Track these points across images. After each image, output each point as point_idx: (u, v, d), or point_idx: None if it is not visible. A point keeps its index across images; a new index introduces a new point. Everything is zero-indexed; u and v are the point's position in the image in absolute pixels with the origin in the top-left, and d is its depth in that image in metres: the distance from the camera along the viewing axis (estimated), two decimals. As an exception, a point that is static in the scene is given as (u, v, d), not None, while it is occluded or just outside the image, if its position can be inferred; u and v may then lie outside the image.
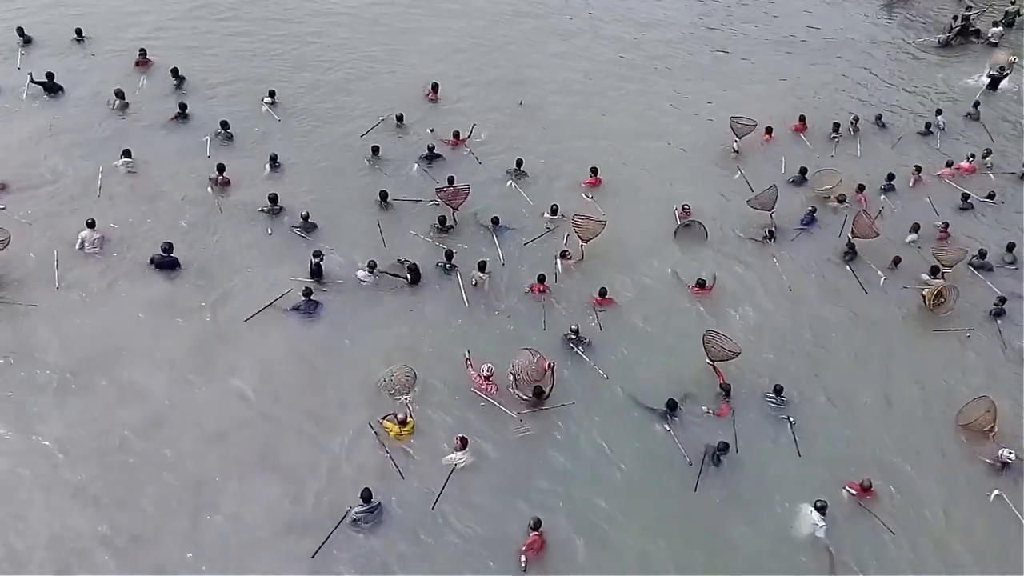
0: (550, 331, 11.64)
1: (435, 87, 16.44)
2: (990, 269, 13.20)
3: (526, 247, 13.10)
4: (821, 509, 9.42)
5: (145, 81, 16.02)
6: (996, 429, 10.48)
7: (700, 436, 10.34)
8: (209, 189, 13.42)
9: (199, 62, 16.78)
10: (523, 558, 8.88)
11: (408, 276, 12.06)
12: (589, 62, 18.56)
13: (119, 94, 15.16)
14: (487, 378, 10.73)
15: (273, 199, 13.16)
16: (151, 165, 13.94)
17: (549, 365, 10.67)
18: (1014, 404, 11.05)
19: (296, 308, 11.57)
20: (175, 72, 15.91)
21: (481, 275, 12.26)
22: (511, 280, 12.51)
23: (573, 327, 11.41)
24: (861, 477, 9.83)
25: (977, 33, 20.62)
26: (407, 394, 10.35)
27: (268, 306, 11.53)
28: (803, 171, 14.98)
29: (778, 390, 10.80)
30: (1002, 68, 18.55)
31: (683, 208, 13.85)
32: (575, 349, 11.29)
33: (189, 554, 8.74)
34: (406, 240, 12.99)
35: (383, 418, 10.15)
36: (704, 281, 12.38)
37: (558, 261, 12.87)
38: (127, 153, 13.74)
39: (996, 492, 9.96)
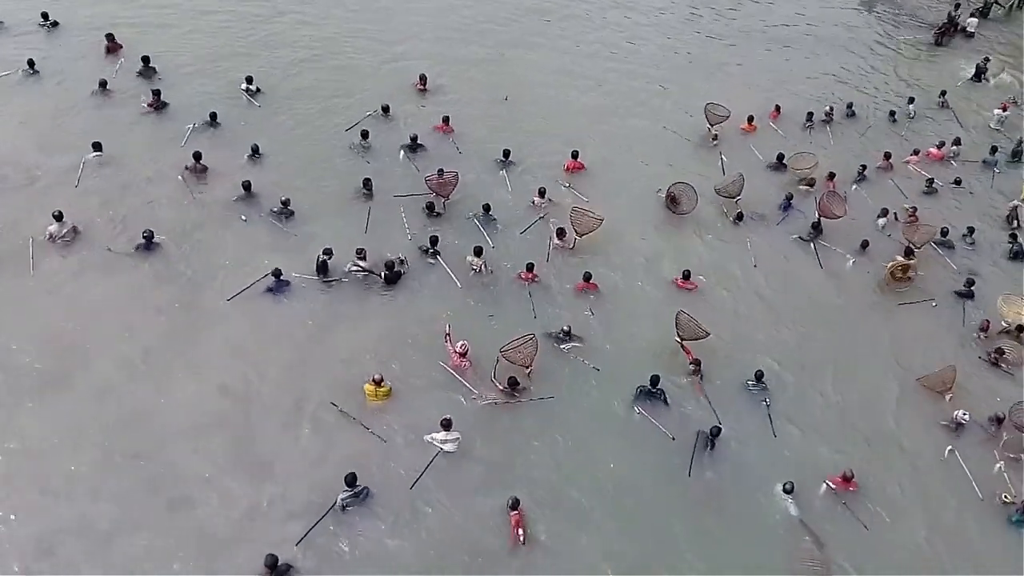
0: (540, 320, 11.73)
1: (423, 78, 16.45)
2: (951, 247, 13.79)
3: (515, 234, 13.18)
4: (789, 491, 9.73)
5: (123, 62, 15.81)
6: (953, 393, 11.08)
7: (685, 420, 10.57)
8: (181, 177, 13.31)
9: (172, 46, 16.57)
10: (520, 533, 9.04)
11: (382, 275, 11.94)
12: (574, 50, 18.65)
13: (102, 84, 14.93)
14: (462, 355, 10.87)
15: (247, 186, 13.08)
16: (128, 154, 13.74)
17: (530, 364, 10.73)
18: (972, 371, 11.64)
19: (269, 290, 11.65)
20: (146, 60, 15.63)
21: (478, 260, 12.36)
22: (500, 268, 12.57)
23: (565, 327, 11.39)
24: (841, 468, 10.00)
25: (964, 29, 20.96)
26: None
27: (250, 286, 11.58)
28: (780, 157, 15.33)
29: (758, 376, 11.06)
30: (986, 59, 19.01)
31: (668, 192, 14.08)
32: (562, 346, 11.30)
33: (172, 541, 8.76)
34: (391, 228, 13.00)
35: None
36: (689, 273, 12.59)
37: (553, 237, 13.10)
38: (97, 146, 13.54)
39: (950, 448, 10.59)
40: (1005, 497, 9.96)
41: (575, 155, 14.73)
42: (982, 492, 10.13)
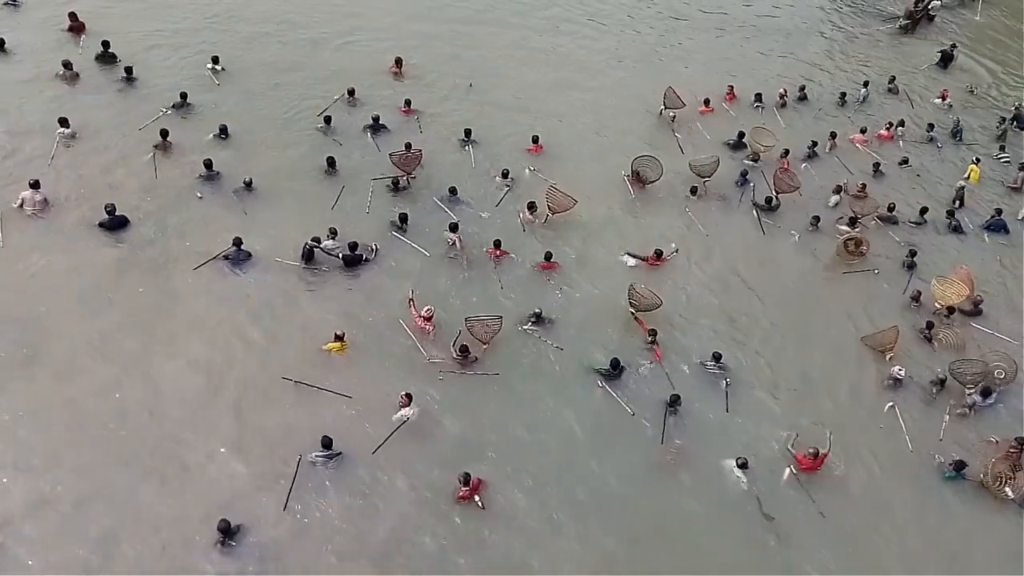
0: (507, 292, 12.05)
1: (398, 61, 16.60)
2: (895, 222, 14.38)
3: (482, 214, 13.43)
4: (743, 465, 10.05)
5: (84, 40, 15.78)
6: (894, 352, 11.73)
7: (649, 393, 10.88)
8: (152, 155, 13.39)
9: (137, 25, 16.56)
10: (478, 500, 9.36)
11: (342, 256, 12.08)
12: (542, 35, 18.86)
13: (67, 65, 14.85)
14: (427, 319, 11.18)
15: (208, 164, 13.18)
16: (95, 132, 13.79)
17: (488, 341, 11.02)
18: (911, 335, 12.25)
19: (227, 257, 11.85)
20: (106, 45, 15.50)
21: (453, 235, 12.62)
22: (469, 246, 12.82)
23: (536, 310, 11.60)
24: (804, 447, 10.29)
25: (929, 13, 21.19)
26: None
27: (216, 257, 11.79)
28: (741, 135, 15.83)
29: (716, 356, 11.31)
30: (953, 46, 19.41)
31: (632, 168, 14.44)
32: (524, 326, 11.49)
33: (140, 513, 8.93)
34: (357, 207, 13.19)
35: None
36: (661, 252, 12.90)
37: (523, 212, 13.38)
38: (64, 122, 13.55)
39: (890, 404, 11.18)
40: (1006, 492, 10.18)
41: (535, 139, 15.06)
42: (912, 445, 10.72)
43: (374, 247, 12.33)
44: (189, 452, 9.56)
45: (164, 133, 13.64)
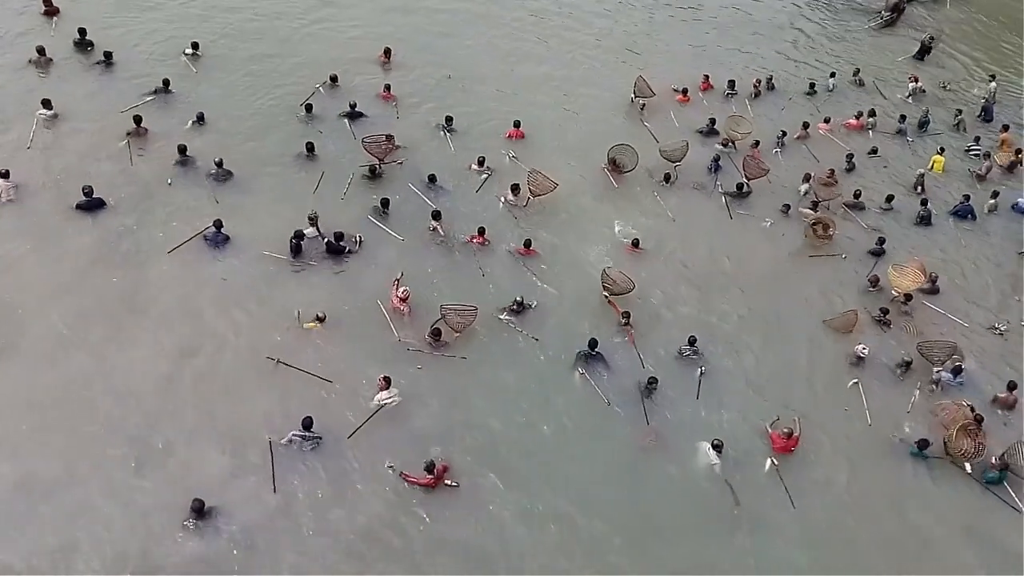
0: (488, 280, 12.20)
1: (387, 52, 16.65)
2: (862, 208, 14.74)
3: (463, 201, 13.56)
4: (717, 447, 10.22)
5: (57, 23, 15.72)
6: (854, 331, 12.11)
7: (625, 382, 11.05)
8: (126, 142, 13.37)
9: (113, 10, 16.52)
10: (448, 482, 9.46)
11: (325, 241, 12.16)
12: (523, 24, 19.04)
13: (40, 51, 14.75)
14: (403, 299, 11.34)
15: (182, 150, 13.17)
16: (73, 117, 13.77)
17: (461, 330, 11.13)
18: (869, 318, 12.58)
19: (206, 238, 11.91)
20: (82, 33, 15.39)
21: (435, 223, 12.76)
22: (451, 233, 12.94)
23: (518, 298, 11.73)
24: (780, 427, 10.54)
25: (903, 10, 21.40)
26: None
27: (191, 239, 11.84)
28: (712, 122, 16.13)
29: (691, 341, 11.49)
30: (931, 38, 19.71)
31: (608, 157, 14.62)
32: (501, 316, 11.60)
33: (115, 496, 8.96)
34: (335, 192, 13.27)
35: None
36: (638, 241, 13.11)
37: (506, 194, 13.55)
38: (47, 104, 13.51)
39: (855, 381, 11.52)
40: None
41: (517, 124, 15.19)
42: (872, 421, 11.07)
43: (358, 238, 12.37)
44: (163, 437, 9.57)
45: (138, 119, 13.60)
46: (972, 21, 21.97)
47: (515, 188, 13.61)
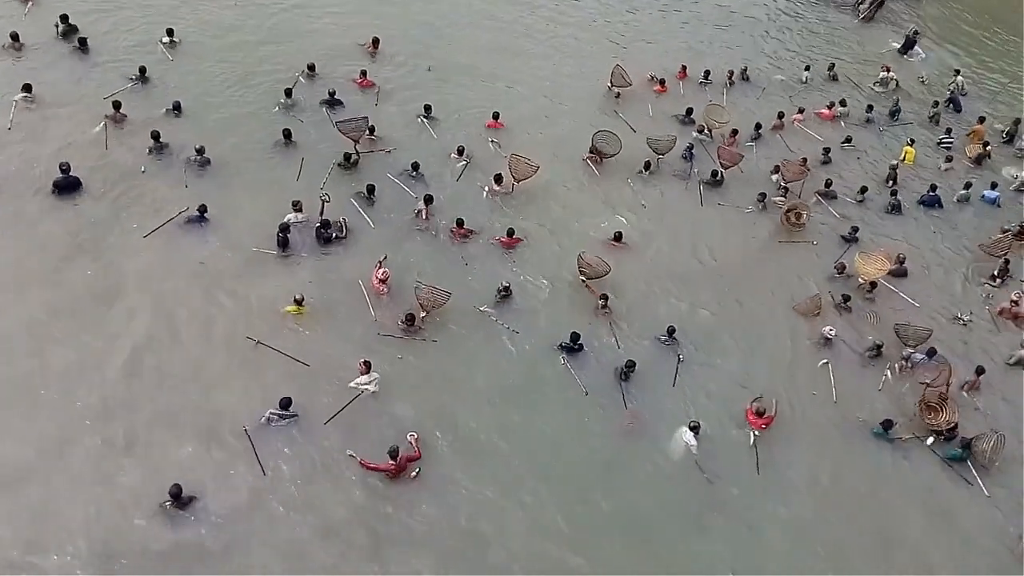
0: (472, 269, 12.28)
1: (375, 41, 16.66)
2: (834, 197, 15.06)
3: (445, 189, 13.62)
4: (695, 429, 10.40)
5: (30, 8, 15.61)
6: (820, 315, 12.48)
7: (605, 371, 11.12)
8: (103, 126, 13.32)
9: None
10: (414, 472, 9.48)
11: (316, 227, 12.19)
12: (504, 12, 19.13)
13: (13, 36, 14.64)
14: (382, 280, 11.45)
15: (156, 136, 13.14)
16: (51, 101, 13.70)
17: (428, 310, 11.19)
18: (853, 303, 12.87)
19: (188, 221, 11.96)
20: (64, 19, 15.25)
21: (425, 207, 12.87)
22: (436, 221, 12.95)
23: (503, 284, 11.81)
24: (753, 404, 10.76)
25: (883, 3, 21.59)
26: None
27: (166, 223, 11.88)
28: (689, 111, 16.34)
29: (670, 331, 11.63)
30: (915, 32, 19.74)
31: (591, 145, 14.79)
32: (487, 310, 11.62)
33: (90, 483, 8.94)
34: (315, 179, 13.28)
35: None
36: (620, 234, 13.19)
37: (490, 185, 13.64)
38: (27, 88, 13.46)
39: (824, 361, 11.84)
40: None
41: (496, 115, 15.30)
42: (837, 398, 11.40)
43: (343, 221, 12.39)
44: (139, 423, 9.55)
45: (116, 105, 13.55)
46: (952, 17, 22.29)
47: (498, 178, 13.72)
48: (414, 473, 9.53)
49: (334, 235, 12.21)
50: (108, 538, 8.53)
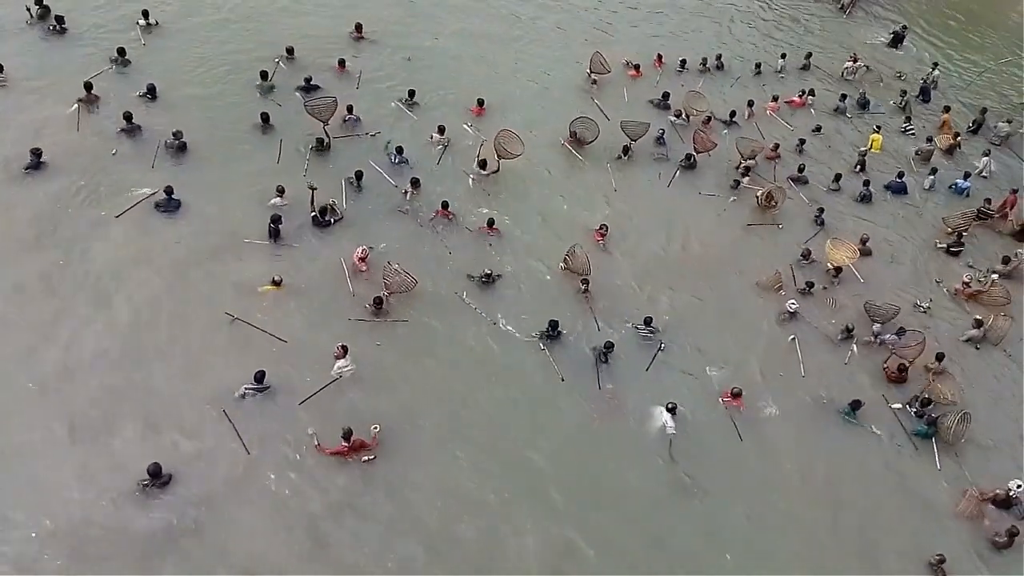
0: (455, 254, 12.37)
1: (359, 26, 16.67)
2: (805, 182, 15.36)
3: (428, 171, 13.70)
4: (671, 410, 10.58)
5: None
6: (783, 291, 12.88)
7: (580, 356, 11.27)
8: (76, 107, 13.23)
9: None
10: (366, 457, 9.52)
11: (312, 214, 12.31)
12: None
13: None
14: (362, 259, 11.59)
15: (128, 117, 13.08)
16: (24, 83, 13.63)
17: (391, 292, 11.28)
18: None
19: (158, 205, 11.91)
20: (39, 2, 15.18)
21: (413, 190, 13.02)
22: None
23: (487, 270, 11.89)
24: (731, 386, 11.07)
25: None
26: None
27: (138, 203, 11.87)
28: (666, 96, 16.57)
29: (647, 320, 11.75)
30: (904, 27, 20.09)
31: (570, 131, 14.95)
32: (469, 301, 11.67)
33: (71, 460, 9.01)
34: (293, 162, 13.35)
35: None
36: (606, 227, 13.19)
37: (476, 170, 13.74)
38: None
39: (792, 336, 12.16)
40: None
41: (480, 102, 15.40)
42: (805, 372, 11.74)
43: (332, 204, 12.42)
44: (112, 403, 9.59)
45: (88, 86, 13.46)
46: (933, 12, 22.48)
47: (483, 163, 13.82)
48: (366, 458, 9.54)
49: (331, 220, 12.30)
50: (83, 518, 8.55)
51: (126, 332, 10.36)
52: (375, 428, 9.71)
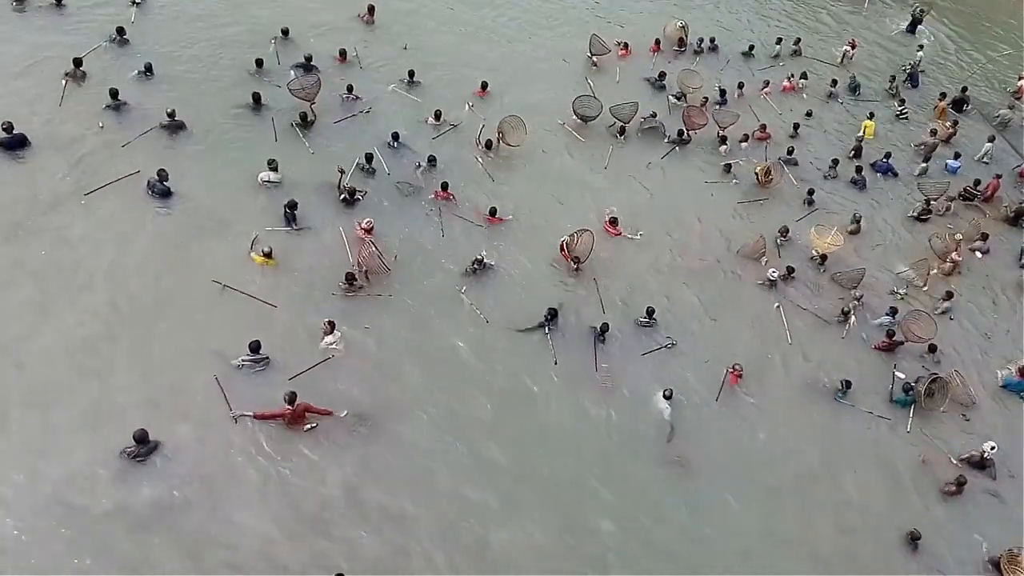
0: (448, 238, 12.33)
1: (371, 9, 16.67)
2: (795, 164, 15.47)
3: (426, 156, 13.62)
4: (668, 396, 10.64)
5: None
6: (766, 259, 13.07)
7: (576, 340, 11.28)
8: (64, 83, 13.19)
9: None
10: (308, 426, 9.40)
11: (341, 196, 12.31)
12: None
13: None
14: (367, 230, 11.67)
15: (114, 94, 13.02)
16: (14, 61, 13.53)
17: (361, 268, 11.22)
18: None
19: (150, 188, 11.85)
20: None
21: (428, 166, 13.14)
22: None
23: (479, 256, 11.79)
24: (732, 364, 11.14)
25: None
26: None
27: (114, 181, 11.77)
28: (662, 75, 16.66)
29: (650, 312, 11.64)
30: (921, 10, 20.27)
31: (573, 110, 15.01)
32: (464, 296, 11.50)
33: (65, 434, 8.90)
34: (289, 142, 13.38)
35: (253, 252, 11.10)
36: (616, 219, 13.15)
37: (482, 151, 13.83)
38: None
39: (777, 304, 12.34)
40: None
41: (484, 85, 15.41)
42: (791, 339, 11.90)
43: (345, 187, 12.37)
44: (103, 382, 9.51)
45: (77, 62, 13.40)
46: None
47: (488, 144, 13.89)
48: (308, 427, 9.44)
49: (359, 197, 12.41)
50: (67, 487, 8.50)
51: (115, 303, 10.30)
52: (344, 413, 9.64)
